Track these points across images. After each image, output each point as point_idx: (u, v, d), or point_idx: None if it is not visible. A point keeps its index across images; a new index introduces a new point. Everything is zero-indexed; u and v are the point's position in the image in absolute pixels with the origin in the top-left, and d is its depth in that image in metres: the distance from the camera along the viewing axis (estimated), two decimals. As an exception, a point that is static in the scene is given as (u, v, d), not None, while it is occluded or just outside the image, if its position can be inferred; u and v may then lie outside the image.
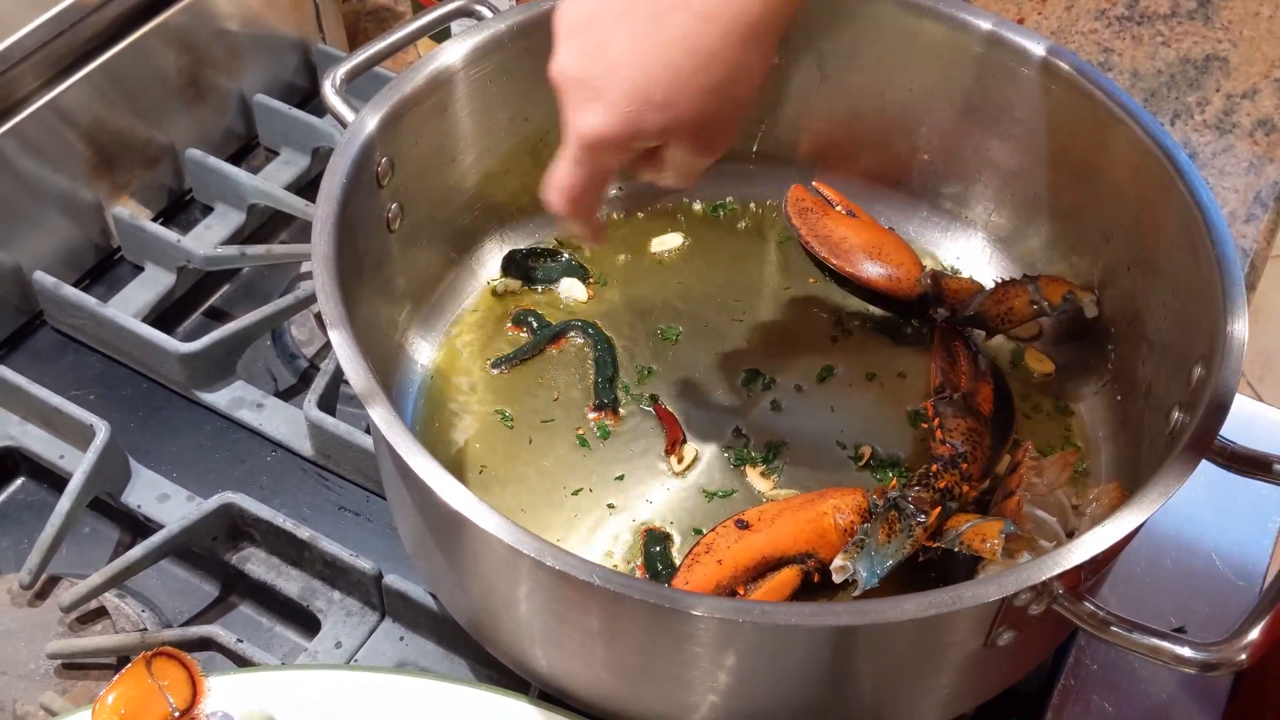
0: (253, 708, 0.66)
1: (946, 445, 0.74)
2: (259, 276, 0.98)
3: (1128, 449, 0.77)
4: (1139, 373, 0.76)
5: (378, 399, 0.60)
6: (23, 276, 0.91)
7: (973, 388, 0.79)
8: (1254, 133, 1.07)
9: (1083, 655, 0.76)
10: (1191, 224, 0.68)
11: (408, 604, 0.76)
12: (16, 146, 0.88)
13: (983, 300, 0.82)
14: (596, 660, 0.63)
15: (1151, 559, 0.80)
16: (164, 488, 0.83)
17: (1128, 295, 0.78)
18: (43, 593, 0.78)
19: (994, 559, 0.66)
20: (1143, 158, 0.73)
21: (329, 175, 0.70)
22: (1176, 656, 0.56)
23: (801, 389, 0.82)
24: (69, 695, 0.73)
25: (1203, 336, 0.66)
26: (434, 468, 0.58)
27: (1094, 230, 0.81)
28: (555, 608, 0.61)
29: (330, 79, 0.76)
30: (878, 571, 0.67)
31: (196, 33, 0.98)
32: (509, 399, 0.81)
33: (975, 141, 0.86)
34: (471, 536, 0.61)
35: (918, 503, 0.70)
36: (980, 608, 0.56)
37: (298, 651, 0.79)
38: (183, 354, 0.86)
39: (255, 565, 0.80)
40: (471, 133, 0.81)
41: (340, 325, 0.63)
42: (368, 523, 0.83)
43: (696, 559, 0.70)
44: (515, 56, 0.80)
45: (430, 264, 0.83)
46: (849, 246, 0.87)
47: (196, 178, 1.00)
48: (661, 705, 0.64)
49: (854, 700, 0.63)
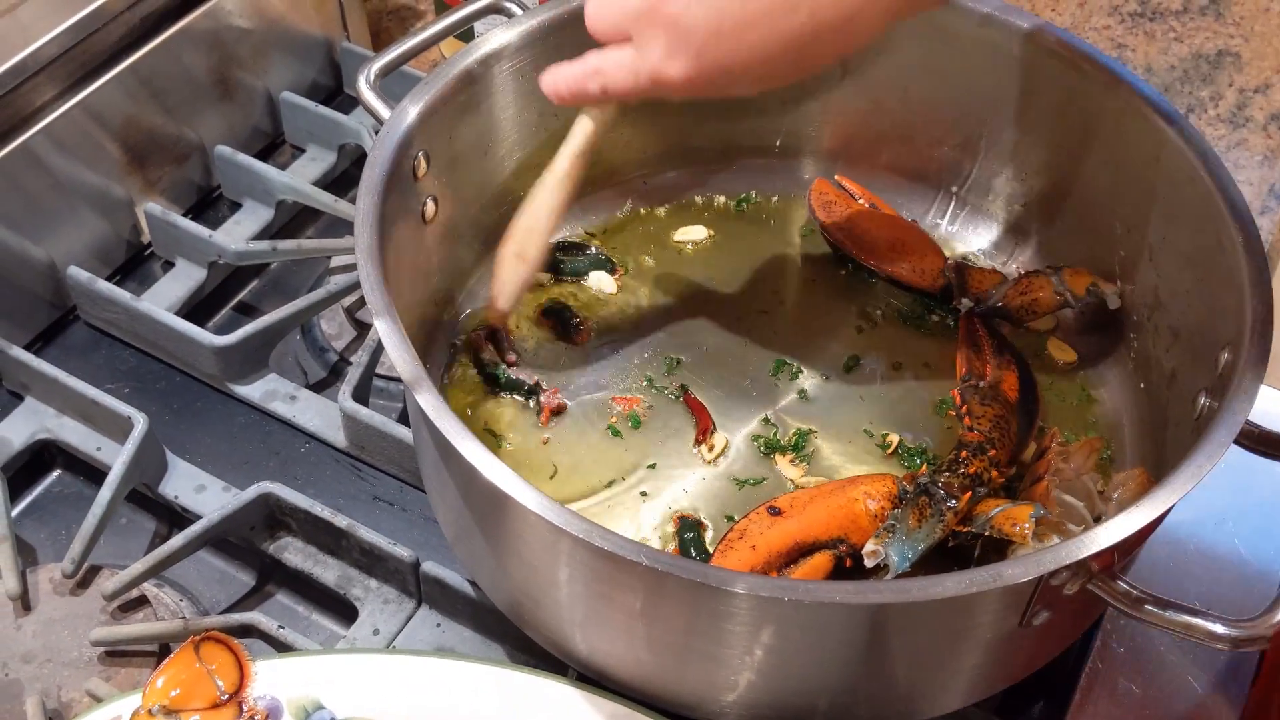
0: (299, 691, 0.68)
1: (975, 432, 0.76)
2: (287, 271, 1.00)
3: (1152, 435, 0.78)
4: (1162, 360, 0.78)
5: (424, 384, 0.62)
6: (57, 272, 0.93)
7: (998, 376, 0.80)
8: (1267, 126, 1.09)
9: (1109, 639, 0.77)
10: (1214, 210, 0.70)
11: (445, 591, 0.77)
12: (49, 146, 0.90)
13: (1006, 291, 0.84)
14: (638, 640, 0.64)
15: (1174, 544, 0.82)
16: (200, 479, 0.84)
17: (1150, 284, 0.80)
18: (84, 582, 0.79)
19: (1024, 542, 0.67)
20: (1164, 147, 0.75)
21: (369, 168, 0.71)
22: (1209, 633, 0.57)
23: (828, 378, 0.83)
24: (113, 681, 0.74)
25: (1229, 322, 0.67)
26: (479, 449, 0.60)
27: (1116, 221, 0.82)
28: (599, 588, 0.62)
29: (365, 74, 0.77)
30: (909, 556, 0.68)
31: (223, 33, 0.99)
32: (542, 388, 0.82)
33: (996, 134, 0.87)
34: (515, 518, 0.62)
35: (948, 488, 0.71)
36: (1018, 586, 0.57)
37: (335, 639, 0.80)
38: (218, 347, 0.87)
39: (292, 554, 0.81)
40: (504, 127, 0.82)
41: (385, 314, 0.64)
42: (402, 512, 0.84)
43: (730, 545, 0.71)
44: (546, 52, 0.81)
45: (463, 256, 0.84)
46: (872, 239, 0.88)
47: (225, 174, 1.01)
48: (699, 684, 0.65)
49: (888, 680, 0.65)
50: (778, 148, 0.93)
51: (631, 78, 0.66)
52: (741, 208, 0.93)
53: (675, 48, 0.63)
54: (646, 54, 0.64)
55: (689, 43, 0.63)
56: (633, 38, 0.65)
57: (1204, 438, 0.60)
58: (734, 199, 0.93)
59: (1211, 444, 0.60)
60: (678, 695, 0.67)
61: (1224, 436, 0.60)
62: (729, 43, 0.62)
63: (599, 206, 0.92)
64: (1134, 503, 0.60)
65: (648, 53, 0.64)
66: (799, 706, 0.66)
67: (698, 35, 0.63)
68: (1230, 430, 0.60)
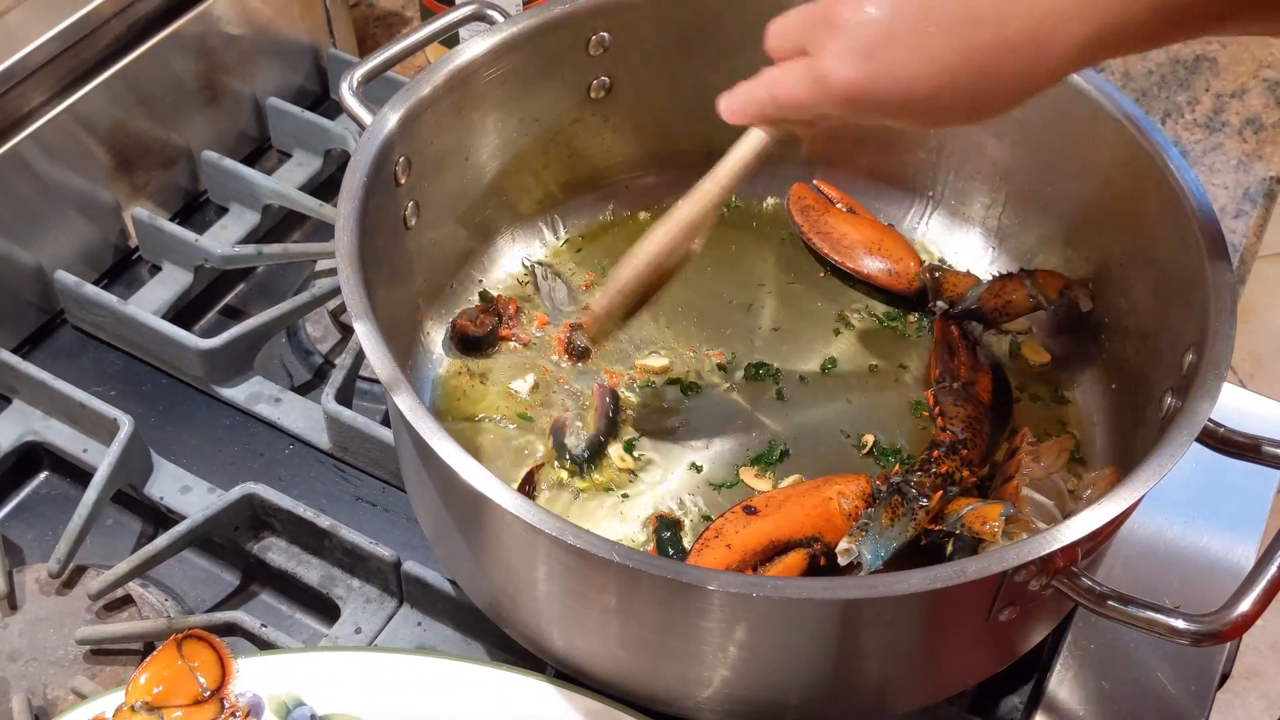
0: (280, 688, 0.69)
1: (947, 432, 0.77)
2: (273, 275, 1.01)
3: (1122, 435, 0.79)
4: (1133, 361, 0.79)
5: (402, 386, 0.63)
6: (44, 276, 0.94)
7: (972, 377, 0.82)
8: (1243, 131, 1.10)
9: (1080, 636, 0.79)
10: (1180, 214, 0.71)
11: (426, 590, 0.78)
12: (38, 151, 0.91)
13: (980, 294, 0.85)
14: (612, 638, 0.65)
15: (1146, 545, 0.83)
16: (185, 480, 0.85)
17: (1122, 287, 0.81)
18: (70, 582, 0.80)
19: (994, 540, 0.69)
20: (1133, 152, 0.76)
21: (350, 173, 0.72)
22: (1171, 628, 0.58)
23: (805, 380, 0.84)
24: (98, 679, 0.75)
25: (1194, 323, 0.68)
26: (456, 451, 0.61)
27: (1088, 224, 0.83)
28: (574, 586, 0.63)
29: (347, 81, 0.78)
30: (881, 554, 0.69)
31: (210, 39, 1.00)
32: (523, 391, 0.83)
33: (972, 140, 0.88)
34: (492, 518, 0.63)
35: (920, 487, 0.72)
36: (982, 582, 0.58)
37: (318, 638, 0.81)
38: (203, 350, 0.88)
39: (276, 554, 0.82)
40: (485, 133, 0.83)
41: (364, 317, 0.65)
42: (384, 513, 0.85)
43: (706, 543, 0.72)
44: (526, 59, 0.82)
45: (445, 259, 0.85)
46: (850, 242, 0.90)
47: (212, 179, 1.02)
48: (675, 680, 0.66)
49: (860, 675, 0.66)
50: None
51: (798, 84, 0.61)
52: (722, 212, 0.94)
53: (846, 50, 0.58)
54: (817, 59, 0.60)
55: (860, 43, 0.58)
56: (807, 46, 0.61)
57: (1165, 437, 0.61)
58: (714, 203, 0.94)
59: (1173, 444, 0.61)
60: (654, 691, 0.68)
61: (1185, 436, 0.61)
62: (903, 48, 0.57)
63: (581, 211, 0.93)
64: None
65: (819, 58, 0.60)
66: (773, 702, 0.67)
67: (870, 35, 0.58)
68: (1191, 430, 0.61)
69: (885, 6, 0.58)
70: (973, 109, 0.59)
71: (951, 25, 0.56)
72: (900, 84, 0.58)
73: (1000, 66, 0.56)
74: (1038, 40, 0.55)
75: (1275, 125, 1.10)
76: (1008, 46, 0.56)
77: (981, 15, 0.55)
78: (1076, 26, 0.55)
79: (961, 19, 0.56)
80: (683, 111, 0.90)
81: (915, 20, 0.57)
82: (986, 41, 0.56)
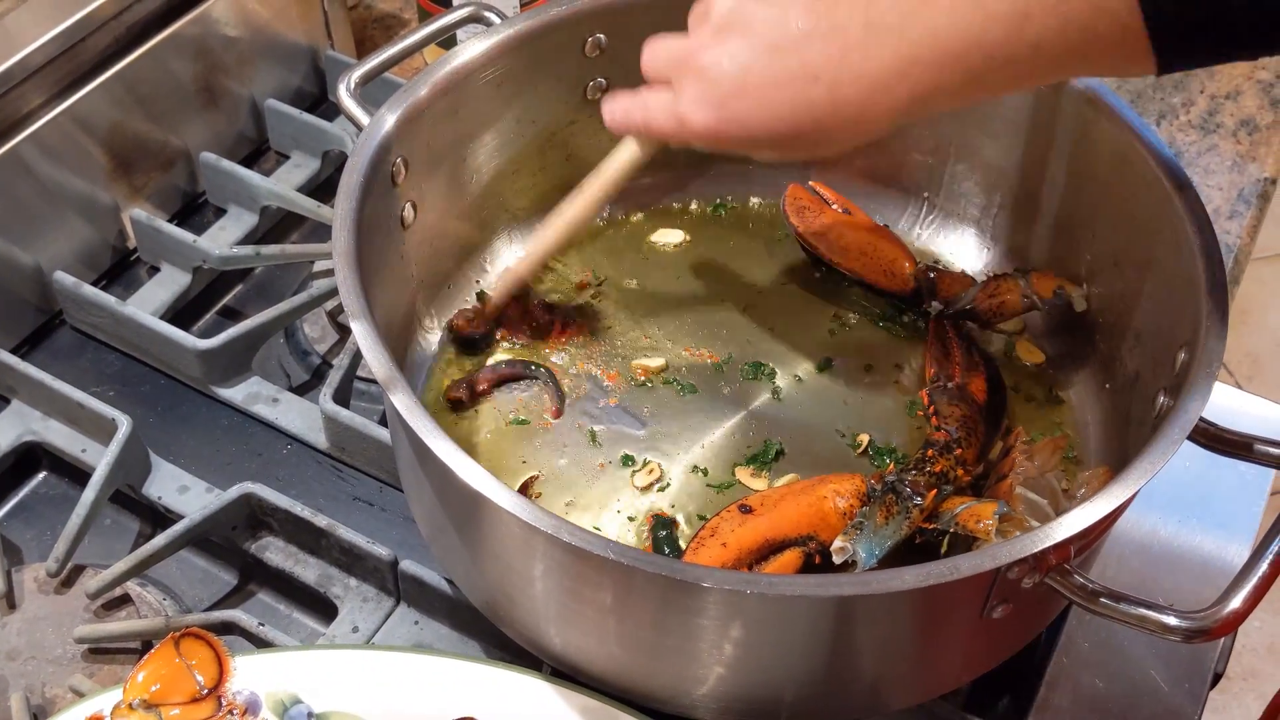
0: (277, 686, 0.69)
1: (942, 432, 0.77)
2: (271, 276, 1.01)
3: (1116, 435, 0.79)
4: (1126, 361, 0.79)
5: (398, 385, 0.63)
6: (43, 277, 0.94)
7: (966, 377, 0.82)
8: (1237, 132, 1.11)
9: (1075, 635, 0.79)
10: (1173, 214, 0.71)
11: (423, 589, 0.78)
12: (36, 152, 0.91)
13: (975, 294, 0.85)
14: (609, 635, 0.66)
15: (1141, 543, 0.83)
16: (183, 480, 0.86)
17: (1115, 287, 0.81)
18: (68, 581, 0.80)
19: (987, 538, 0.69)
20: (1126, 152, 0.76)
21: (347, 174, 0.72)
22: (1162, 625, 0.58)
23: (801, 379, 0.85)
24: (96, 678, 0.76)
25: (1186, 323, 0.69)
26: (452, 449, 0.61)
27: (1082, 225, 0.83)
28: (570, 584, 0.64)
29: (345, 82, 0.79)
30: (876, 552, 0.70)
31: (209, 41, 1.01)
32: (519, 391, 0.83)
33: (967, 141, 0.89)
34: (489, 516, 0.64)
35: (914, 486, 0.72)
36: (975, 579, 0.58)
37: (315, 636, 0.81)
38: (201, 350, 0.89)
39: (273, 554, 0.82)
40: (482, 134, 0.84)
41: (361, 316, 0.66)
42: (381, 512, 0.85)
43: (702, 542, 0.73)
44: (523, 61, 0.83)
45: (442, 259, 0.86)
46: (845, 243, 0.90)
47: (210, 180, 1.02)
48: (670, 678, 0.66)
49: (855, 671, 0.66)
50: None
51: (663, 118, 0.69)
52: (718, 213, 0.95)
53: (701, 98, 0.66)
54: (678, 98, 0.67)
55: (714, 94, 0.65)
56: (671, 82, 0.68)
57: (1158, 436, 0.61)
58: (710, 204, 0.95)
59: (1164, 442, 0.61)
60: (650, 689, 0.68)
61: (1177, 435, 0.61)
62: (750, 101, 0.64)
63: (577, 212, 0.93)
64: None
65: (679, 97, 0.67)
66: (769, 699, 0.67)
67: (722, 88, 0.65)
68: (1183, 428, 0.62)
69: (737, 61, 0.64)
70: (812, 148, 0.66)
71: (791, 82, 0.63)
72: (748, 130, 0.65)
73: (833, 119, 0.63)
74: (863, 101, 0.62)
75: (1270, 126, 1.11)
76: (839, 103, 0.62)
77: (817, 75, 0.62)
78: (899, 90, 0.61)
79: (801, 77, 0.62)
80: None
81: (762, 76, 0.64)
82: (821, 98, 0.62)
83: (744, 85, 0.64)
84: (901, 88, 0.61)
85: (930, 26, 0.59)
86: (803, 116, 0.63)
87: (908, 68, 0.60)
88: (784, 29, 0.63)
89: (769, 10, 0.64)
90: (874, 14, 0.61)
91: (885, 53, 0.60)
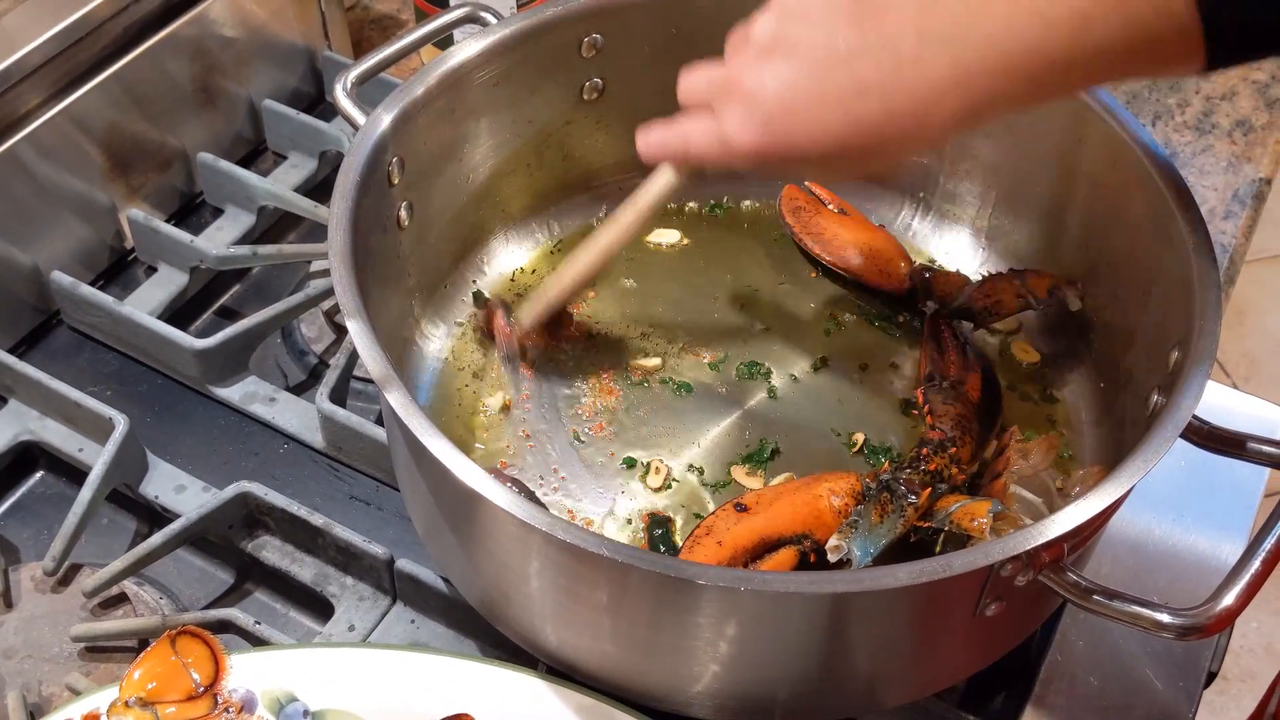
0: (273, 684, 0.69)
1: (937, 430, 0.77)
2: (268, 276, 1.01)
3: (1111, 434, 0.80)
4: (1121, 360, 0.80)
5: (393, 383, 0.63)
6: (40, 276, 0.94)
7: (961, 376, 0.82)
8: (1232, 133, 1.11)
9: (1069, 633, 0.79)
10: (1166, 213, 0.71)
11: (419, 588, 0.78)
12: (34, 152, 0.91)
13: (970, 293, 0.86)
14: (604, 633, 0.66)
15: (1135, 542, 0.83)
16: (180, 479, 0.86)
17: (1109, 286, 0.81)
18: (65, 580, 0.80)
19: (982, 537, 0.69)
20: (1119, 152, 0.76)
21: (343, 173, 0.73)
22: (1155, 622, 0.59)
23: (797, 379, 0.85)
24: (93, 676, 0.76)
25: (1180, 322, 0.69)
26: (448, 448, 0.61)
27: (1077, 225, 0.84)
28: (565, 582, 0.64)
29: (341, 82, 0.79)
30: (871, 550, 0.70)
31: (206, 41, 1.01)
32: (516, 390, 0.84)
33: (961, 141, 0.89)
34: (484, 514, 0.64)
35: (909, 485, 0.72)
36: (968, 576, 0.58)
37: (312, 635, 0.81)
38: (198, 350, 0.89)
39: (270, 553, 0.82)
40: (478, 135, 0.84)
41: (357, 315, 0.66)
42: (378, 511, 0.86)
43: (697, 541, 0.73)
44: (520, 61, 0.83)
45: (439, 259, 0.86)
46: (841, 243, 0.90)
47: (208, 181, 1.03)
48: (666, 676, 0.66)
49: (849, 669, 0.66)
50: (749, 154, 0.95)
51: (706, 141, 0.68)
52: (715, 213, 0.95)
53: (747, 118, 0.65)
54: (723, 121, 0.66)
55: (760, 114, 0.64)
56: (713, 106, 0.67)
57: (1150, 434, 0.62)
58: (706, 204, 0.95)
59: (1157, 440, 0.61)
60: (645, 687, 0.68)
61: (1169, 433, 0.61)
62: (798, 119, 0.63)
63: (574, 212, 0.93)
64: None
65: (724, 120, 0.66)
66: (764, 696, 0.67)
67: (768, 108, 0.64)
68: (1176, 426, 0.62)
69: (783, 79, 0.63)
70: (861, 164, 0.65)
71: (842, 98, 0.61)
72: (796, 149, 0.64)
73: (886, 133, 0.62)
74: (918, 113, 0.61)
75: (1264, 127, 1.11)
76: (892, 117, 0.61)
77: (868, 88, 0.61)
78: (953, 100, 0.60)
79: (851, 92, 0.61)
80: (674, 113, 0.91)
81: (809, 93, 0.62)
82: (873, 113, 0.61)
83: (792, 103, 0.63)
84: (959, 97, 0.60)
85: (988, 34, 0.58)
86: (854, 131, 0.62)
87: (966, 77, 0.59)
88: (831, 46, 0.61)
89: (813, 29, 0.62)
90: (927, 25, 0.59)
91: (942, 63, 0.59)
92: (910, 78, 0.60)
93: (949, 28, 0.59)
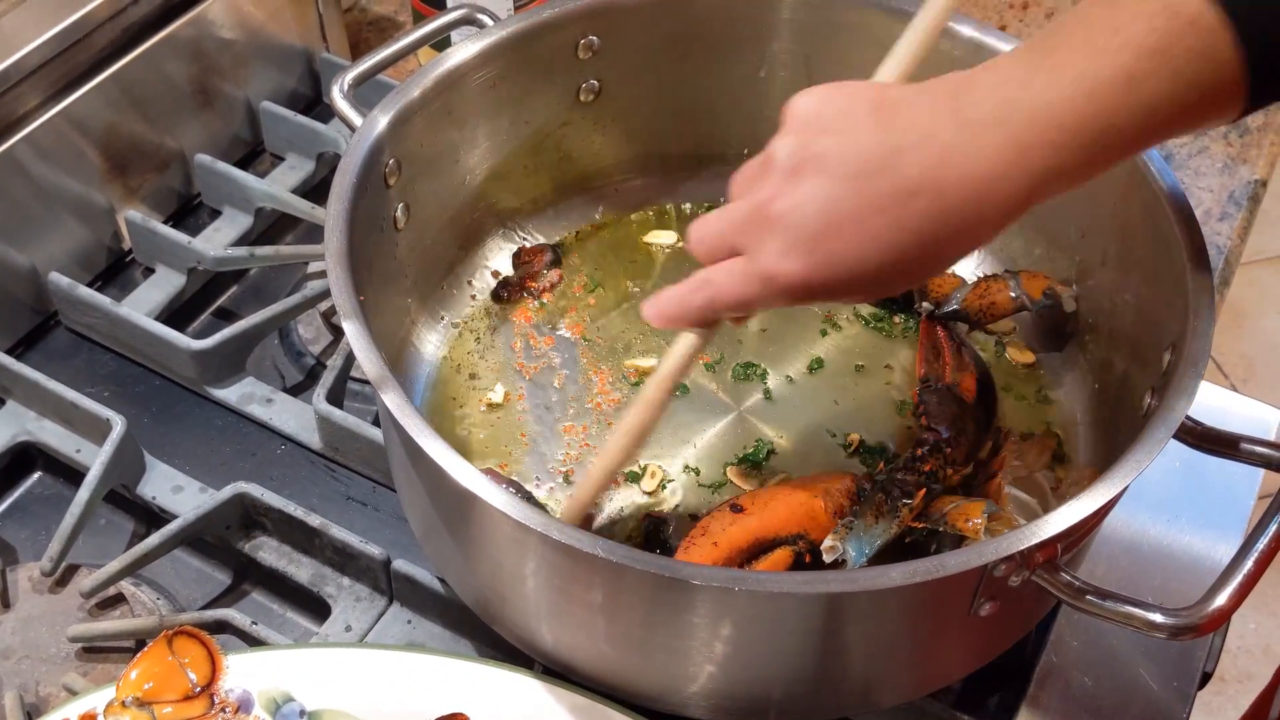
0: (270, 684, 0.69)
1: (932, 431, 0.78)
2: (265, 278, 1.01)
3: (1105, 435, 0.80)
4: (1115, 362, 0.80)
5: (389, 384, 0.63)
6: (38, 278, 0.94)
7: (956, 378, 0.82)
8: (1228, 135, 1.11)
9: (1064, 633, 0.79)
10: (1160, 215, 0.72)
11: (415, 588, 0.79)
12: (31, 154, 0.91)
13: (965, 294, 0.86)
14: (600, 634, 0.66)
15: (1130, 543, 0.84)
16: (178, 480, 0.86)
17: (1104, 288, 0.82)
18: (62, 580, 0.81)
19: (976, 537, 0.69)
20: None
21: (340, 175, 0.73)
22: (1148, 622, 0.59)
23: (792, 380, 0.85)
24: (90, 677, 0.76)
25: (1173, 323, 0.69)
26: (444, 448, 0.62)
27: (1071, 226, 0.84)
28: (561, 583, 0.64)
29: (338, 84, 0.79)
30: (866, 551, 0.70)
31: (204, 43, 1.01)
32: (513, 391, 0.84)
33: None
34: (481, 514, 0.64)
35: (904, 486, 0.73)
36: (962, 576, 0.59)
37: (308, 635, 0.81)
38: (195, 351, 0.89)
39: (267, 553, 0.83)
40: (475, 135, 0.84)
41: (353, 316, 0.66)
42: (375, 512, 0.86)
43: (693, 541, 0.73)
44: (516, 62, 0.83)
45: (436, 260, 0.86)
46: (837, 244, 0.90)
47: (205, 182, 1.03)
48: (661, 676, 0.67)
49: (843, 669, 0.67)
50: (745, 155, 0.94)
51: (742, 284, 0.60)
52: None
53: (788, 246, 0.58)
54: (757, 257, 0.59)
55: (801, 239, 0.57)
56: (741, 248, 0.60)
57: (1143, 434, 0.62)
58: (702, 206, 0.95)
59: (1150, 441, 0.62)
60: (640, 687, 0.69)
61: (1163, 433, 0.62)
62: (846, 235, 0.57)
63: (571, 213, 0.93)
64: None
65: (758, 255, 0.59)
66: (759, 696, 0.67)
67: (810, 229, 0.57)
68: (1169, 427, 0.62)
69: (820, 196, 0.57)
70: (921, 273, 0.60)
71: (887, 205, 0.56)
72: (848, 268, 0.58)
73: (944, 232, 0.57)
74: (978, 200, 0.56)
75: (1260, 129, 1.11)
76: (948, 213, 0.56)
77: (916, 188, 0.56)
78: (1016, 179, 0.55)
79: (897, 196, 0.56)
80: (671, 114, 0.92)
81: (852, 205, 0.57)
82: (925, 212, 0.56)
83: (836, 220, 0.57)
84: (1018, 178, 0.55)
85: (1039, 107, 0.54)
86: (908, 239, 0.56)
87: (1025, 155, 0.55)
88: (865, 152, 0.56)
89: (841, 139, 0.57)
90: (967, 111, 0.55)
91: (992, 145, 0.55)
92: (960, 167, 0.55)
93: (994, 109, 0.55)
